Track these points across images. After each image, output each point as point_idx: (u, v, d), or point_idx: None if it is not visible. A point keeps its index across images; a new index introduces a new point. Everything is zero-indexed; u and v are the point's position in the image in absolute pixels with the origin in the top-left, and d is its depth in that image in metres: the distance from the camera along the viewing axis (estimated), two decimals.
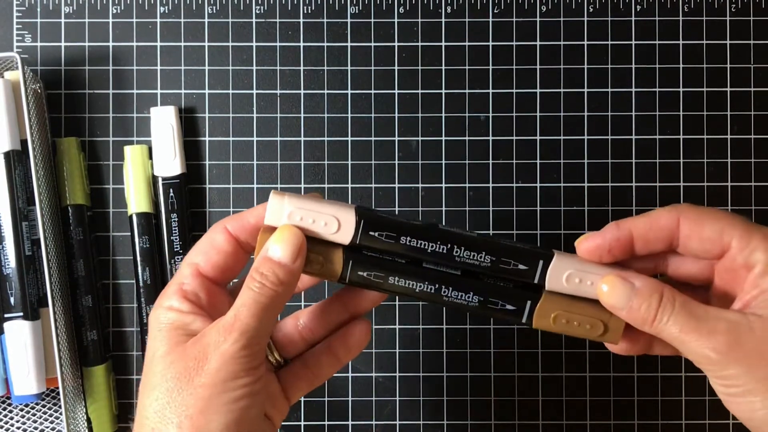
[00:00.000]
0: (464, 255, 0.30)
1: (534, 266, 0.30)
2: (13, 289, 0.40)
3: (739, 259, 0.28)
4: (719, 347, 0.27)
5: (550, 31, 0.44)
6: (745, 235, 0.28)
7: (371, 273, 0.30)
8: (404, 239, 0.30)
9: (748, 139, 0.44)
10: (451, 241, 0.30)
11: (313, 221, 0.29)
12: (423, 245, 0.30)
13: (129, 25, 0.44)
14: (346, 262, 0.30)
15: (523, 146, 0.44)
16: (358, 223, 0.29)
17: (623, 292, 0.29)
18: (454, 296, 0.30)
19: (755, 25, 0.44)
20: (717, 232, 0.29)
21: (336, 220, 0.29)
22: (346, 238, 0.30)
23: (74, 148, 0.43)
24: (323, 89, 0.44)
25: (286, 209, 0.29)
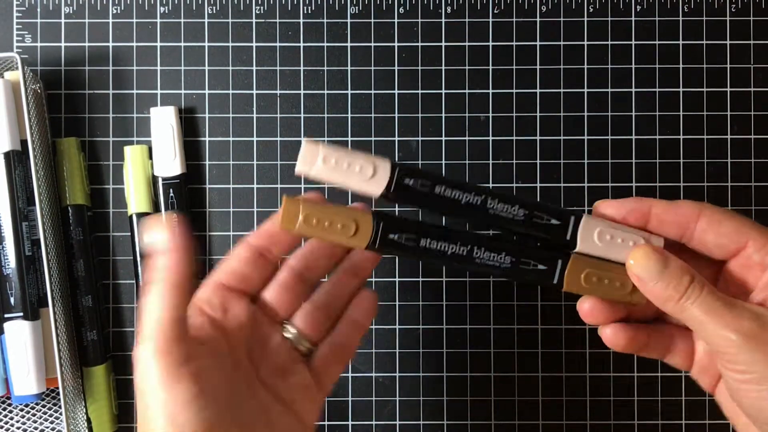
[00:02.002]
0: (498, 207, 0.29)
1: (566, 222, 0.30)
2: (13, 289, 0.40)
3: (756, 258, 0.29)
4: (744, 330, 0.27)
5: (550, 31, 0.44)
6: (762, 236, 0.29)
7: (402, 236, 0.29)
8: (439, 188, 0.29)
9: (748, 139, 0.44)
10: (485, 192, 0.29)
11: (348, 165, 0.28)
12: (457, 195, 0.29)
13: (129, 26, 0.44)
14: (377, 225, 0.29)
15: (523, 146, 0.44)
16: (394, 168, 0.29)
17: (656, 265, 0.29)
18: (486, 257, 0.30)
19: (755, 25, 0.44)
20: (735, 230, 0.29)
21: (372, 164, 0.28)
22: (382, 183, 0.28)
23: (74, 148, 0.43)
24: (323, 89, 0.44)
25: (320, 153, 0.28)
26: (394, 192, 0.29)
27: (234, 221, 0.44)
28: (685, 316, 0.28)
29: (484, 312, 0.44)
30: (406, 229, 0.29)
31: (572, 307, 0.44)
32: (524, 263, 0.30)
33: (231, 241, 0.44)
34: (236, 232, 0.44)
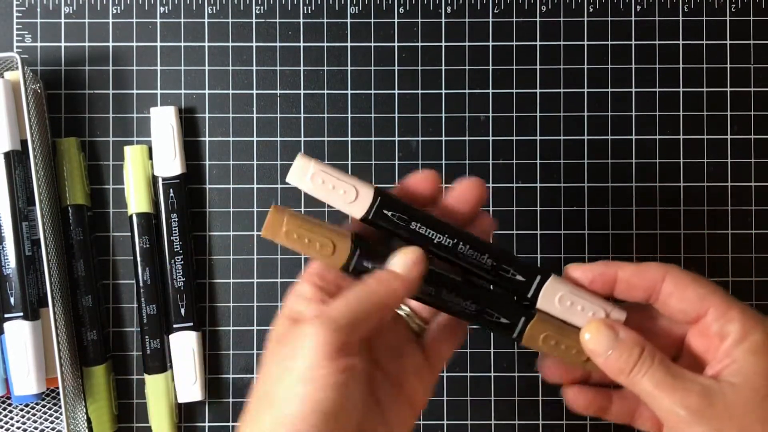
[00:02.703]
0: (468, 252, 0.30)
1: (531, 280, 0.31)
2: (13, 289, 0.40)
3: (714, 327, 0.29)
4: (692, 406, 0.27)
5: (550, 31, 0.44)
6: (724, 305, 0.29)
7: (376, 265, 0.30)
8: (415, 225, 0.30)
9: (748, 139, 0.44)
10: (459, 237, 0.30)
11: (333, 187, 0.30)
12: (431, 234, 0.30)
13: (129, 26, 0.44)
14: (353, 251, 0.30)
15: (523, 146, 0.44)
16: (375, 198, 0.30)
17: (607, 338, 0.29)
18: (453, 301, 0.30)
19: (755, 25, 0.44)
20: (698, 296, 0.29)
21: (355, 190, 0.30)
22: (361, 210, 0.30)
23: (74, 148, 0.43)
24: (323, 89, 0.44)
25: (311, 170, 0.30)
26: (372, 219, 0.30)
27: (234, 221, 0.44)
28: (637, 389, 0.29)
29: None
30: (381, 259, 0.30)
31: None
32: (488, 314, 0.31)
33: (231, 241, 0.44)
34: (236, 232, 0.44)
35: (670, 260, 0.43)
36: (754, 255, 0.44)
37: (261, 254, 0.44)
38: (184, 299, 0.43)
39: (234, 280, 0.44)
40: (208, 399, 0.44)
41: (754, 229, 0.44)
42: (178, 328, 0.43)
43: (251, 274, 0.44)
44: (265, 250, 0.44)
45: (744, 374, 0.28)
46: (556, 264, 0.44)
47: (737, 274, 0.44)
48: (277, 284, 0.44)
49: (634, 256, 0.44)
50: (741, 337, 0.29)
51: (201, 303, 0.44)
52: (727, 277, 0.44)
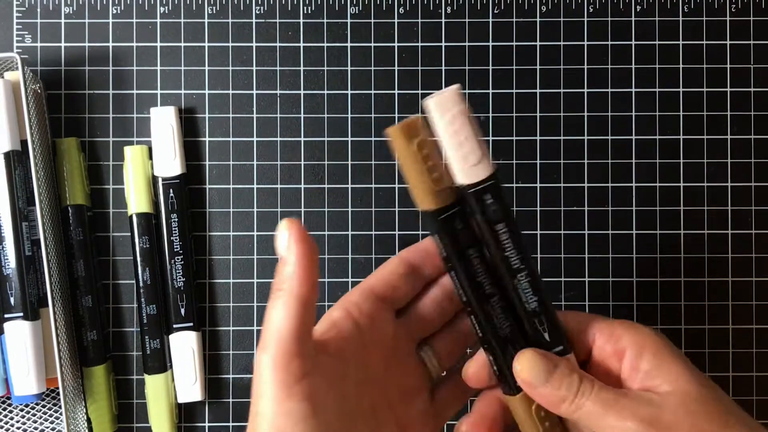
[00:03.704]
0: (523, 284, 0.29)
1: (553, 345, 0.29)
2: (13, 289, 0.40)
3: (608, 349, 0.29)
4: (643, 417, 0.27)
5: (550, 31, 0.44)
6: (606, 328, 0.29)
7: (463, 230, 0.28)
8: (501, 226, 0.28)
9: (748, 139, 0.44)
10: (527, 265, 0.29)
11: (464, 139, 0.27)
12: (507, 244, 0.28)
13: (129, 26, 0.44)
14: (456, 204, 0.28)
15: (523, 146, 0.44)
16: (492, 177, 0.28)
17: (543, 368, 0.28)
18: (498, 312, 0.29)
19: (755, 25, 0.44)
20: (578, 324, 0.30)
21: (480, 157, 0.28)
22: (470, 178, 0.28)
23: (74, 149, 0.43)
24: (323, 89, 0.44)
25: (457, 109, 0.27)
26: (472, 193, 0.28)
27: (234, 221, 0.44)
28: (581, 414, 0.28)
29: None
30: (470, 232, 0.28)
31: (572, 308, 0.44)
32: (512, 347, 0.29)
33: (231, 241, 0.44)
34: (236, 232, 0.44)
35: (670, 260, 0.44)
36: (754, 255, 0.44)
37: (261, 254, 0.44)
38: (184, 299, 0.43)
39: (234, 280, 0.44)
40: (208, 399, 0.44)
41: (754, 229, 0.44)
42: (178, 328, 0.43)
43: (251, 274, 0.44)
44: (265, 250, 0.44)
45: (666, 381, 0.28)
46: (556, 264, 0.44)
47: (737, 274, 0.44)
48: None
49: (633, 256, 0.44)
50: (638, 348, 0.29)
51: (201, 303, 0.44)
52: (727, 277, 0.44)
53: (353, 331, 0.29)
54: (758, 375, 0.44)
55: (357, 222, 0.44)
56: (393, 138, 0.27)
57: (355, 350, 0.29)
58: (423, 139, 0.27)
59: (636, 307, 0.44)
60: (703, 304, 0.44)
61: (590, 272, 0.44)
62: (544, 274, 0.44)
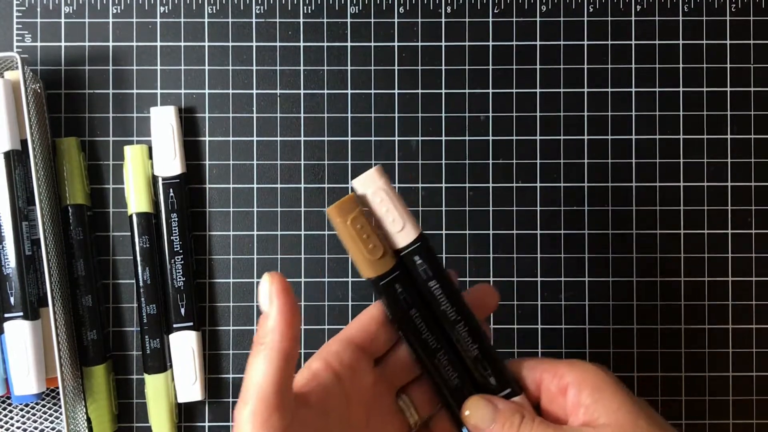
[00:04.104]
0: (463, 333, 0.31)
1: (500, 389, 0.31)
2: (13, 289, 0.40)
3: (553, 388, 0.31)
4: None
5: (550, 31, 0.44)
6: (551, 367, 0.31)
7: (404, 293, 0.31)
8: (433, 284, 0.31)
9: (748, 139, 0.44)
10: (464, 316, 0.31)
11: (387, 211, 0.30)
12: (441, 298, 0.31)
13: (129, 25, 0.44)
14: (395, 269, 0.30)
15: (523, 146, 0.44)
16: (416, 240, 0.30)
17: (487, 412, 0.30)
18: (445, 365, 0.31)
19: (755, 25, 0.44)
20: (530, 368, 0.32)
21: (403, 223, 0.30)
22: (399, 243, 0.31)
23: (74, 148, 0.43)
24: (323, 89, 0.44)
25: (377, 185, 0.30)
26: (404, 256, 0.31)
27: (234, 221, 0.44)
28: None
29: None
30: (410, 292, 0.31)
31: (572, 307, 0.44)
32: (461, 395, 0.31)
33: (231, 241, 0.44)
34: (236, 231, 0.44)
35: (670, 261, 0.44)
36: (754, 255, 0.44)
37: (261, 254, 0.44)
38: (184, 299, 0.43)
39: (234, 279, 0.44)
40: (208, 399, 0.44)
41: (754, 229, 0.44)
42: (178, 328, 0.43)
43: (251, 274, 0.44)
44: (265, 250, 0.44)
45: (604, 414, 0.29)
46: (556, 264, 0.44)
47: (737, 274, 0.44)
48: None
49: (633, 256, 0.44)
50: (579, 384, 0.30)
51: (201, 303, 0.44)
52: (727, 277, 0.44)
53: (334, 383, 0.30)
54: (758, 375, 0.44)
55: None
56: (330, 217, 0.30)
57: (336, 402, 0.30)
58: (356, 215, 0.30)
59: (636, 307, 0.44)
60: (703, 304, 0.44)
61: (590, 272, 0.44)
62: (543, 274, 0.44)
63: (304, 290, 0.44)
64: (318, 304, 0.44)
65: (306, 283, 0.44)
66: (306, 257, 0.44)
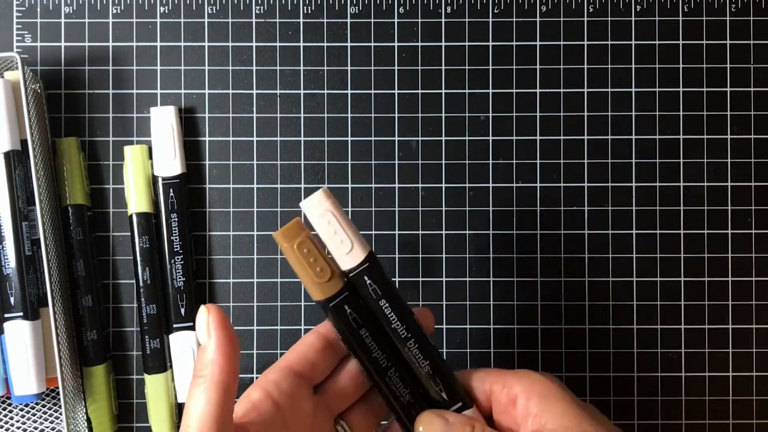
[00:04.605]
0: (414, 350, 0.32)
1: (451, 404, 0.32)
2: (13, 289, 0.40)
3: (503, 399, 0.31)
4: None
5: (550, 31, 0.44)
6: (500, 378, 0.32)
7: (353, 315, 0.31)
8: (383, 303, 0.31)
9: (748, 139, 0.44)
10: (414, 333, 0.31)
11: (335, 233, 0.31)
12: (391, 316, 0.31)
13: (129, 25, 0.44)
14: (344, 290, 0.31)
15: (523, 146, 0.44)
16: (364, 262, 0.31)
17: (438, 426, 0.31)
18: (396, 382, 0.32)
19: (755, 25, 0.44)
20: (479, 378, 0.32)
21: (351, 244, 0.31)
22: (347, 264, 0.31)
23: (74, 148, 0.43)
24: (323, 89, 0.44)
25: (323, 208, 0.31)
26: (352, 278, 0.31)
27: (234, 221, 0.44)
28: None
29: (484, 312, 0.44)
30: (360, 312, 0.31)
31: (572, 307, 0.44)
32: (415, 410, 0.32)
33: (231, 241, 0.44)
34: (236, 231, 0.44)
35: (670, 261, 0.44)
36: (754, 255, 0.44)
37: (261, 254, 0.44)
38: (184, 299, 0.43)
39: (234, 280, 0.44)
40: None
41: (754, 229, 0.44)
42: (178, 328, 0.43)
43: (251, 274, 0.44)
44: (265, 250, 0.44)
45: (551, 420, 0.30)
46: (556, 264, 0.44)
47: (737, 274, 0.44)
48: (277, 284, 0.44)
49: (633, 256, 0.44)
50: (527, 393, 0.31)
51: (201, 303, 0.44)
52: (727, 277, 0.44)
53: (273, 412, 0.30)
54: (758, 375, 0.44)
55: (357, 222, 0.44)
56: (277, 242, 0.31)
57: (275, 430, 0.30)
58: (302, 239, 0.30)
59: (636, 307, 0.44)
60: (703, 304, 0.44)
61: (590, 272, 0.44)
62: (543, 275, 0.44)
63: (304, 290, 0.44)
64: None
65: None
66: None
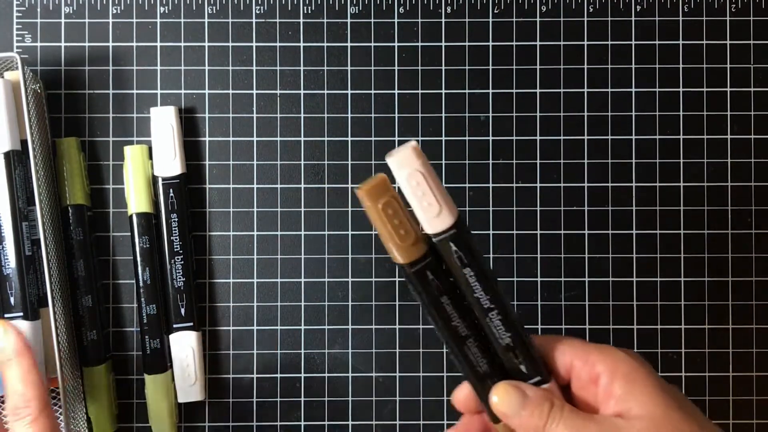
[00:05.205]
0: (496, 321, 0.30)
1: (530, 377, 0.30)
2: (13, 289, 0.40)
3: (584, 375, 0.30)
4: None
5: (550, 31, 0.44)
6: (582, 352, 0.30)
7: (435, 281, 0.29)
8: (468, 271, 0.29)
9: (748, 139, 0.44)
10: (497, 305, 0.30)
11: (423, 194, 0.28)
12: (476, 287, 0.29)
13: (129, 26, 0.44)
14: (426, 256, 0.29)
15: (523, 146, 0.44)
16: (453, 226, 0.29)
17: (516, 399, 0.30)
18: (474, 351, 0.30)
19: (755, 25, 0.44)
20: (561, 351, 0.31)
21: (439, 207, 0.28)
22: (433, 228, 0.28)
23: (74, 148, 0.43)
24: (323, 89, 0.44)
25: (413, 167, 0.28)
26: (438, 242, 0.29)
27: (234, 221, 0.44)
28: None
29: None
30: (441, 279, 0.29)
31: (572, 307, 0.44)
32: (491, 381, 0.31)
33: (231, 241, 0.44)
34: (236, 232, 0.44)
35: (670, 261, 0.44)
36: (754, 255, 0.44)
37: (261, 254, 0.44)
38: (184, 299, 0.43)
39: (234, 280, 0.44)
40: (208, 399, 0.44)
41: (754, 229, 0.44)
42: (178, 328, 0.43)
43: (251, 274, 0.44)
44: (265, 250, 0.44)
45: (636, 405, 0.29)
46: (556, 264, 0.44)
47: (737, 274, 0.44)
48: (277, 284, 0.44)
49: (633, 256, 0.44)
50: (611, 373, 0.30)
51: (201, 303, 0.44)
52: (727, 277, 0.44)
53: None
54: (758, 375, 0.44)
55: (357, 222, 0.44)
56: (361, 200, 0.29)
57: None
58: (387, 199, 0.28)
59: (636, 307, 0.44)
60: (703, 304, 0.44)
61: (590, 272, 0.44)
62: (544, 274, 0.44)
63: (304, 290, 0.44)
64: (318, 304, 0.44)
65: (306, 283, 0.44)
66: (306, 257, 0.44)
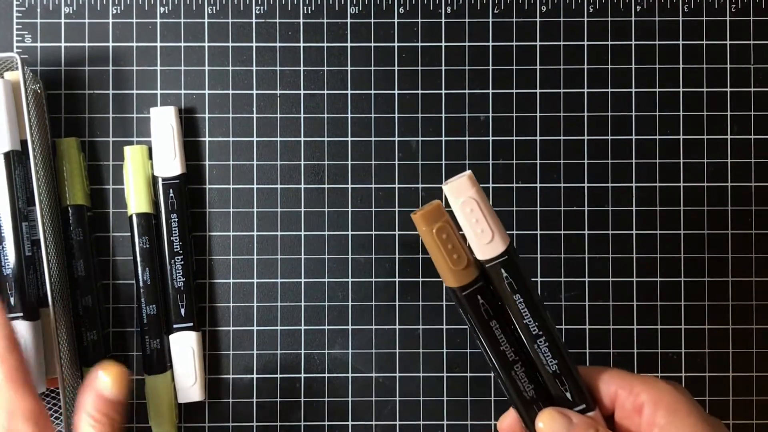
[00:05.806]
0: (543, 348, 0.30)
1: (575, 405, 0.31)
2: (13, 289, 0.40)
3: (628, 405, 0.31)
4: None
5: (550, 31, 0.44)
6: (627, 383, 0.31)
7: (485, 306, 0.30)
8: (518, 297, 0.30)
9: (748, 139, 0.44)
10: (546, 332, 0.30)
11: (476, 221, 0.29)
12: (525, 313, 0.30)
13: (129, 26, 0.44)
14: (478, 280, 0.30)
15: (523, 146, 0.44)
16: (504, 253, 0.30)
17: (561, 425, 0.30)
18: (521, 377, 0.31)
19: (755, 25, 0.44)
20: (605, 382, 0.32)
21: (492, 235, 0.29)
22: (485, 254, 0.30)
23: (74, 148, 0.43)
24: (323, 89, 0.44)
25: (468, 194, 0.29)
26: (489, 268, 0.30)
27: (234, 221, 0.44)
28: None
29: None
30: (491, 303, 0.30)
31: (572, 308, 0.44)
32: (531, 409, 0.31)
33: (231, 241, 0.44)
34: (236, 232, 0.44)
35: (670, 261, 0.44)
36: (754, 255, 0.44)
37: (261, 254, 0.44)
38: (184, 299, 0.43)
39: (234, 280, 0.44)
40: (208, 399, 0.44)
41: (754, 229, 0.44)
42: (178, 328, 0.43)
43: (251, 274, 0.44)
44: (265, 251, 0.44)
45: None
46: (556, 264, 0.44)
47: (737, 274, 0.44)
48: (277, 284, 0.44)
49: (634, 256, 0.44)
50: (654, 404, 0.30)
51: (201, 303, 0.44)
52: (727, 278, 0.44)
53: None
54: (758, 375, 0.44)
55: (357, 222, 0.44)
56: (416, 224, 0.30)
57: None
58: (441, 224, 0.29)
59: (636, 307, 0.44)
60: (703, 304, 0.44)
61: (590, 272, 0.44)
62: (544, 274, 0.44)
63: (304, 290, 0.44)
64: (318, 304, 0.44)
65: (306, 283, 0.44)
66: (306, 258, 0.44)
